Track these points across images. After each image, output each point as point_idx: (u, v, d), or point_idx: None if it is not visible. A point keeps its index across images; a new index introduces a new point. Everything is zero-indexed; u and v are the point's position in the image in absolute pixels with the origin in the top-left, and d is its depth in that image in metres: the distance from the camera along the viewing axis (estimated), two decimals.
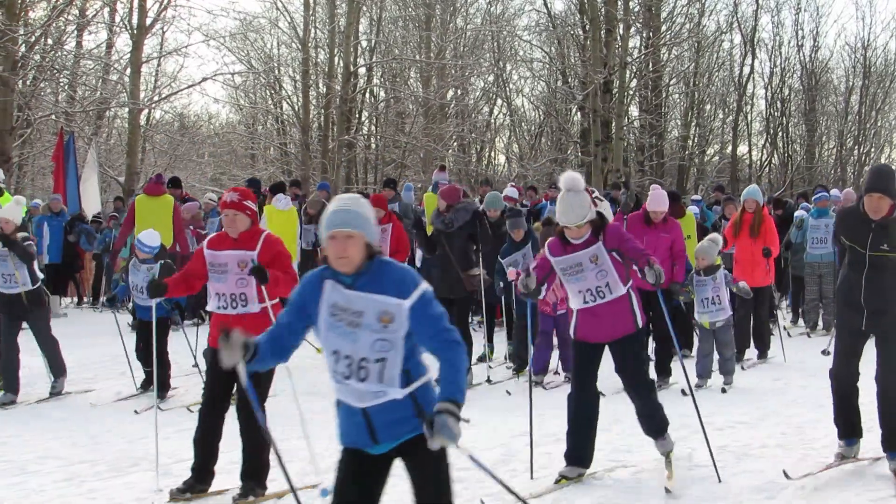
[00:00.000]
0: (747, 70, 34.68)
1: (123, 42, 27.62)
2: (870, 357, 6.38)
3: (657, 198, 9.94)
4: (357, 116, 31.63)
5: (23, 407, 9.07)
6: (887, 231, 6.15)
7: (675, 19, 32.01)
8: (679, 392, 9.17)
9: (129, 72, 25.69)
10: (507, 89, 33.70)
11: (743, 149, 35.99)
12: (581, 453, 6.39)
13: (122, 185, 25.72)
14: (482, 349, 10.84)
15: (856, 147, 35.80)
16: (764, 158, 36.45)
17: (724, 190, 20.12)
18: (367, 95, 32.33)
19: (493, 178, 29.54)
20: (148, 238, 9.46)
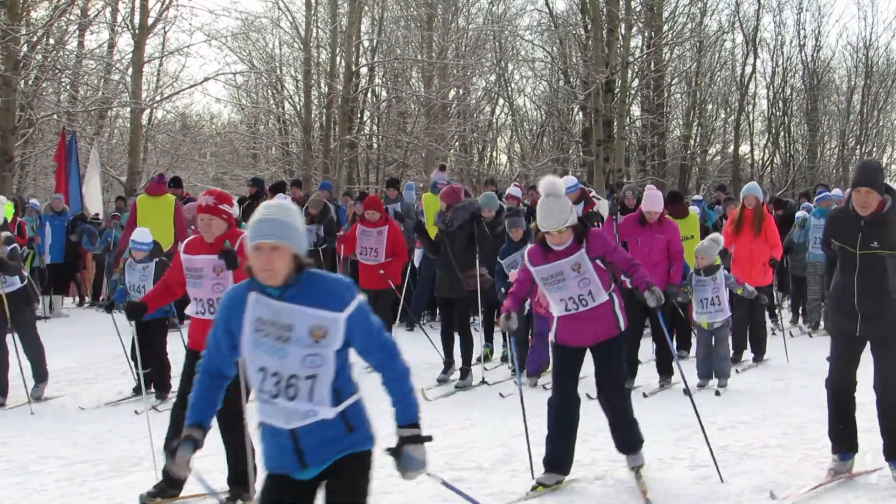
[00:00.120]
0: (749, 69, 34.72)
1: (125, 42, 27.74)
2: (867, 359, 6.24)
3: (651, 198, 9.73)
4: (359, 116, 31.63)
5: (24, 407, 9.06)
6: (877, 228, 5.95)
7: (677, 19, 32.05)
8: (681, 392, 9.17)
9: (130, 71, 25.69)
10: (509, 89, 33.72)
11: (745, 148, 36.00)
12: (560, 460, 6.23)
13: (123, 185, 25.74)
14: (482, 349, 10.81)
15: (858, 147, 35.76)
16: (766, 158, 36.46)
17: (725, 190, 20.07)
18: (368, 95, 32.32)
19: (497, 178, 29.49)
20: (141, 236, 9.50)
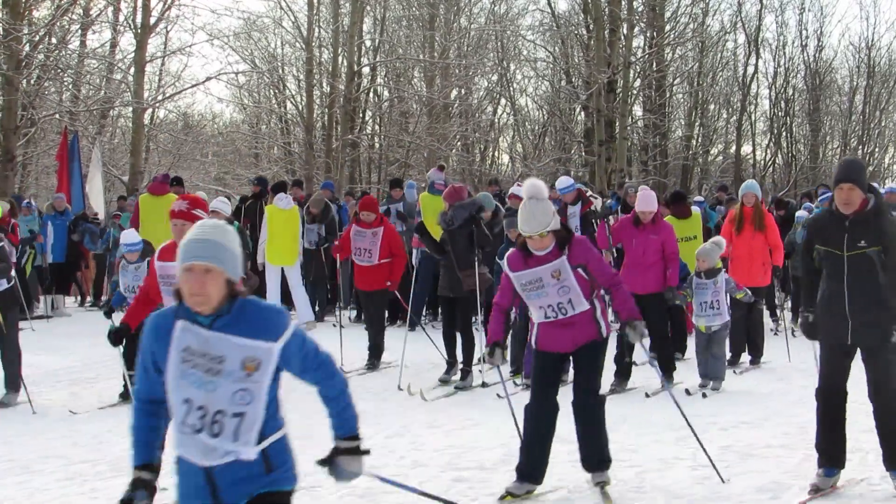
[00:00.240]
0: (751, 70, 34.64)
1: (127, 41, 27.75)
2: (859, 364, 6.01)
3: (645, 198, 9.60)
4: (361, 116, 31.63)
5: (25, 407, 9.08)
6: (862, 227, 5.69)
7: (679, 19, 31.97)
8: (683, 391, 9.16)
9: (132, 71, 25.72)
10: (511, 89, 33.73)
11: (747, 148, 35.94)
12: (534, 469, 6.04)
13: (125, 185, 25.75)
14: (484, 350, 10.78)
15: (860, 147, 35.71)
16: (768, 158, 36.39)
17: (727, 190, 20.01)
18: (370, 95, 32.32)
19: (500, 179, 29.47)
20: (129, 238, 9.51)
